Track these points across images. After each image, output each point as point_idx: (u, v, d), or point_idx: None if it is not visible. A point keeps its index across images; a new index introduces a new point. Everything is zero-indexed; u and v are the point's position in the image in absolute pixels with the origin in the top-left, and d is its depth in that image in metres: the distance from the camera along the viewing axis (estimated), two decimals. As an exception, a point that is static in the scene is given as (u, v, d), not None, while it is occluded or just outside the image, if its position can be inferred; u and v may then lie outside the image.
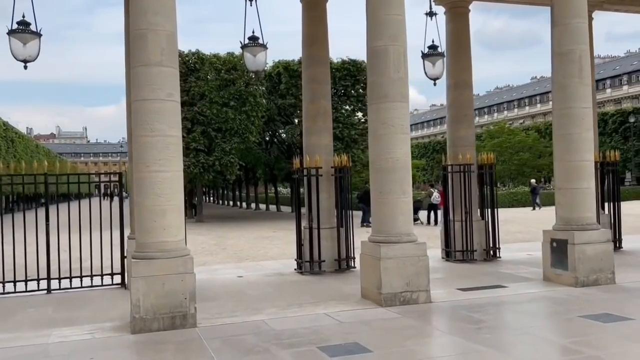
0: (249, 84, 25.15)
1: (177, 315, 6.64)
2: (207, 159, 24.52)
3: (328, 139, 10.70)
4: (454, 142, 11.62)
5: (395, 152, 7.64)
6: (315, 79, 10.60)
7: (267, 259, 13.82)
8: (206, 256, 14.83)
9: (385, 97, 7.66)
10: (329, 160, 10.49)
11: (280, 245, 16.54)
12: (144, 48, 6.72)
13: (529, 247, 13.92)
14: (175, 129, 6.91)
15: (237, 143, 24.84)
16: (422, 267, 7.62)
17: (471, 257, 11.18)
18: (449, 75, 11.56)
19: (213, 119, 24.47)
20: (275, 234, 19.32)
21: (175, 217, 6.81)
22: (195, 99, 24.42)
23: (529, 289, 8.44)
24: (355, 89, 27.98)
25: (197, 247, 16.98)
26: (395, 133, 7.66)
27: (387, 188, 7.65)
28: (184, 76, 24.31)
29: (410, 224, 7.80)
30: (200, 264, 13.26)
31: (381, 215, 7.73)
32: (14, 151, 44.38)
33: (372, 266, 7.67)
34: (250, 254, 15.03)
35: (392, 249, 7.52)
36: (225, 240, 18.63)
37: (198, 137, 24.32)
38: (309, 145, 10.65)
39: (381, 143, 7.70)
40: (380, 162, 7.70)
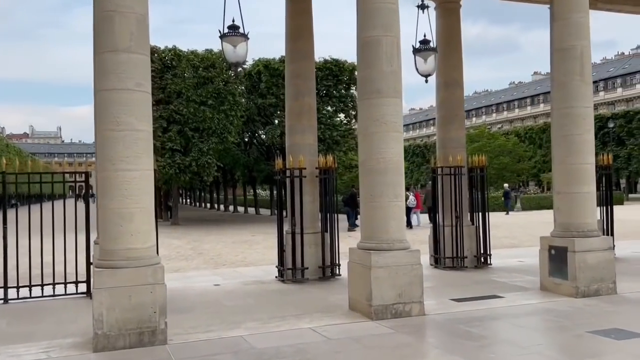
0: (227, 82, 24.36)
1: (145, 331, 5.93)
2: (183, 160, 23.63)
3: (312, 138, 10.06)
4: (444, 143, 11.08)
5: (388, 152, 7.04)
6: (299, 75, 9.96)
7: (246, 264, 13.12)
8: (181, 262, 14.06)
9: (377, 92, 7.06)
10: (313, 161, 9.85)
11: (260, 250, 15.84)
12: (111, 32, 6.02)
13: (518, 253, 13.48)
14: (145, 123, 6.21)
15: (214, 143, 24.00)
16: (415, 277, 7.03)
17: (461, 264, 10.64)
18: (439, 74, 11.02)
19: (190, 118, 23.61)
20: (255, 238, 18.61)
21: (144, 222, 6.10)
22: (171, 97, 23.54)
23: (527, 299, 7.91)
24: (338, 89, 27.39)
25: (171, 251, 16.19)
26: (388, 131, 7.06)
27: (379, 191, 7.04)
28: (160, 73, 23.45)
29: (403, 229, 7.21)
30: (174, 270, 12.52)
31: (372, 220, 7.12)
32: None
33: (362, 275, 7.05)
34: (228, 259, 14.30)
35: (384, 257, 6.91)
36: (201, 245, 17.84)
37: (174, 136, 23.44)
38: (292, 144, 10.00)
39: (372, 142, 7.09)
40: (371, 162, 7.09)
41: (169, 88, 23.37)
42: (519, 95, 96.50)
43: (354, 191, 22.96)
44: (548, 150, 56.31)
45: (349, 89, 27.71)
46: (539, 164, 55.25)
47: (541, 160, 55.67)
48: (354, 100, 27.83)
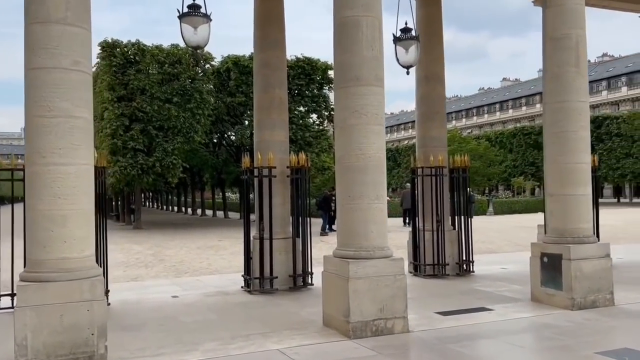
0: (194, 79, 23.22)
1: (80, 357, 4.96)
2: (146, 160, 22.36)
3: (283, 134, 9.18)
4: (424, 142, 10.32)
5: (368, 148, 6.21)
6: (268, 64, 9.07)
7: (211, 272, 12.12)
8: (139, 269, 12.97)
9: (357, 79, 6.23)
10: (284, 160, 8.97)
11: (226, 256, 14.84)
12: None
13: (499, 259, 12.86)
14: (84, 109, 5.23)
15: (180, 143, 22.79)
16: (398, 289, 6.21)
17: (443, 271, 9.88)
18: (419, 68, 10.25)
19: (154, 116, 22.35)
20: (221, 243, 17.57)
21: (80, 226, 5.12)
22: (134, 94, 22.27)
23: (518, 312, 7.17)
24: (310, 88, 26.48)
25: (130, 257, 15.07)
26: (368, 124, 6.23)
27: (358, 191, 6.20)
28: (122, 68, 22.18)
29: (385, 235, 6.38)
30: (131, 279, 11.46)
31: (350, 224, 6.27)
32: None
33: (338, 288, 6.19)
34: (192, 266, 13.27)
35: (364, 267, 6.07)
36: (164, 250, 16.72)
37: (136, 135, 22.15)
38: (261, 141, 9.10)
39: (351, 136, 6.25)
40: (350, 159, 6.25)
41: (132, 84, 22.10)
42: (488, 101, 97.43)
43: (328, 194, 22.13)
44: (518, 154, 56.91)
45: (321, 88, 26.87)
46: (509, 169, 55.50)
47: (511, 165, 55.95)
48: (326, 100, 27.04)
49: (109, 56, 22.10)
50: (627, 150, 43.28)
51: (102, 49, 22.43)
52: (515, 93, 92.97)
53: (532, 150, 54.24)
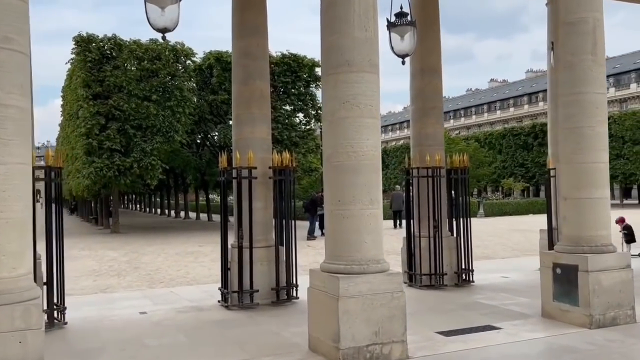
0: (175, 75, 22.15)
1: (9, 401, 4.00)
2: (123, 161, 21.23)
3: (265, 131, 8.27)
4: (419, 140, 9.47)
5: (361, 144, 5.34)
6: (248, 53, 8.16)
7: (188, 282, 11.17)
8: (111, 278, 11.98)
9: (347, 64, 5.36)
10: (266, 159, 8.07)
11: (207, 263, 13.87)
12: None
13: (498, 266, 12.05)
14: (18, 96, 4.28)
15: (159, 143, 21.68)
16: (396, 308, 5.35)
17: (441, 282, 9.04)
18: (414, 59, 9.42)
19: (132, 114, 21.24)
20: (202, 249, 16.59)
21: (12, 239, 4.17)
22: (110, 91, 21.14)
23: (531, 332, 6.33)
24: (297, 86, 25.49)
25: (103, 265, 14.07)
26: (362, 116, 5.36)
27: (349, 195, 5.33)
28: (98, 64, 21.06)
29: (381, 246, 5.51)
30: (100, 290, 10.49)
31: (340, 234, 5.39)
32: None
33: (326, 308, 5.31)
34: (167, 275, 12.30)
35: (356, 283, 5.20)
36: (140, 257, 15.70)
37: (113, 135, 21.01)
38: (240, 139, 8.19)
39: (341, 131, 5.38)
40: (339, 157, 5.37)
41: (108, 81, 20.96)
42: (476, 102, 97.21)
43: (315, 195, 21.19)
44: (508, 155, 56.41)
45: (308, 86, 25.89)
46: (499, 170, 55.00)
47: (501, 166, 55.45)
48: (314, 98, 26.09)
49: (84, 51, 20.98)
50: (618, 151, 42.92)
51: (76, 44, 21.30)
52: (503, 94, 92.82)
53: (521, 151, 53.84)
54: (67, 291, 10.64)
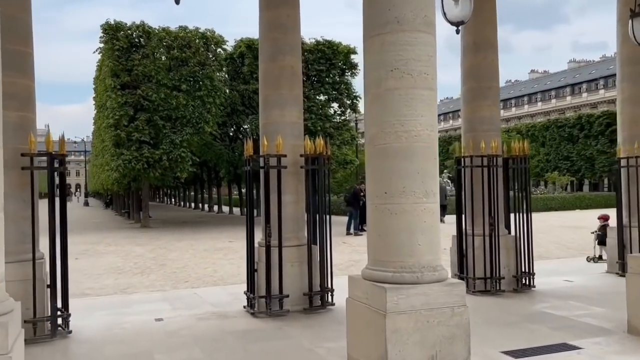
0: (204, 64, 21.31)
1: None
2: (152, 153, 20.55)
3: (296, 114, 7.26)
4: (472, 125, 8.31)
5: (414, 122, 4.27)
6: (277, 25, 7.16)
7: (214, 282, 10.32)
8: (134, 276, 11.23)
9: (397, 22, 4.29)
10: (298, 146, 7.07)
11: (236, 260, 12.98)
12: None
13: (556, 267, 10.79)
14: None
15: (189, 134, 20.92)
16: (458, 326, 4.27)
17: (497, 287, 7.88)
18: (465, 33, 8.28)
19: (160, 104, 20.51)
20: (232, 245, 15.76)
21: (-29, 240, 3.29)
22: (139, 81, 20.45)
23: (619, 354, 5.15)
24: (331, 74, 24.33)
25: (128, 262, 13.36)
26: (415, 87, 4.29)
27: (398, 185, 4.27)
28: (126, 52, 20.41)
29: (438, 249, 4.45)
30: (120, 290, 9.73)
31: (386, 234, 4.34)
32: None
33: (370, 325, 4.28)
34: (193, 273, 11.48)
35: (408, 296, 4.15)
36: (167, 253, 14.97)
37: (142, 126, 20.33)
38: (268, 123, 7.21)
39: (388, 105, 4.32)
40: (386, 138, 4.32)
41: (136, 70, 20.28)
42: (516, 93, 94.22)
43: (358, 188, 19.98)
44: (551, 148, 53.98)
45: (343, 74, 24.69)
46: (542, 163, 52.72)
47: (544, 159, 53.15)
48: (349, 87, 24.90)
49: (112, 40, 20.38)
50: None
51: (104, 32, 20.73)
52: (545, 85, 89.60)
53: (566, 144, 51.39)
54: (86, 290, 9.97)
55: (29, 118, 6.11)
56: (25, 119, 6.04)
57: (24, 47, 6.06)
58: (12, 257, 5.94)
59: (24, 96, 6.05)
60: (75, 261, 13.48)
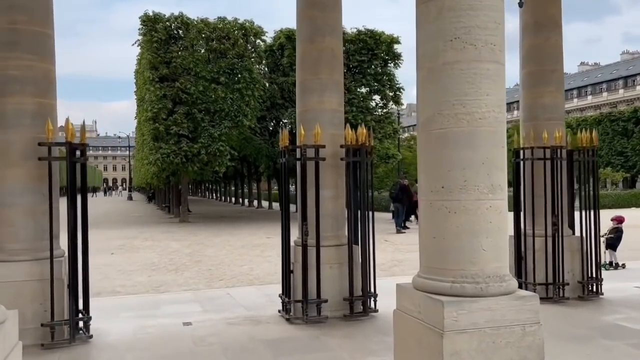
0: (243, 56, 20.84)
1: None
2: (191, 147, 20.23)
3: (336, 100, 6.60)
4: (533, 112, 7.46)
5: (479, 102, 3.56)
6: (316, 2, 6.51)
7: (249, 281, 9.82)
8: (168, 273, 10.84)
9: (458, -18, 3.57)
10: (337, 136, 6.42)
11: (273, 258, 12.45)
12: None
13: (621, 272, 9.80)
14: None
15: (227, 128, 20.51)
16: (531, 349, 3.57)
17: (561, 294, 7.04)
18: (525, 11, 7.45)
19: (199, 97, 20.14)
20: (270, 241, 15.27)
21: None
22: (177, 73, 20.15)
23: None
24: (373, 65, 23.49)
25: (164, 257, 13.03)
26: (479, 60, 3.58)
27: (459, 178, 3.57)
28: (165, 44, 20.15)
29: (505, 254, 3.72)
30: (152, 288, 9.34)
31: (443, 235, 3.64)
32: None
33: (423, 344, 3.60)
34: (229, 271, 11.01)
35: (470, 311, 3.45)
36: (204, 249, 14.59)
37: (180, 119, 20.03)
38: (306, 111, 6.58)
39: (446, 82, 3.62)
40: (444, 122, 3.62)
41: (175, 62, 19.96)
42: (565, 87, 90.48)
43: (404, 183, 19.12)
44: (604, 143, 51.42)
45: (386, 65, 23.78)
46: (593, 159, 50.16)
47: (596, 155, 50.57)
48: (392, 79, 23.98)
49: (150, 31, 20.15)
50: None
51: (142, 24, 20.52)
52: (595, 78, 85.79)
53: (620, 139, 48.85)
54: (117, 288, 9.61)
55: (49, 105, 5.66)
56: (44, 105, 5.58)
57: (42, 27, 5.60)
58: (29, 254, 5.54)
59: (42, 81, 5.60)
60: (111, 256, 13.27)
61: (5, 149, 5.47)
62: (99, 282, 9.91)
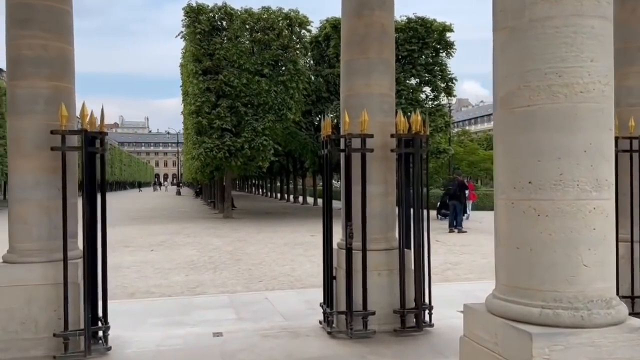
0: (288, 47, 20.15)
1: None
2: (234, 141, 19.71)
3: (386, 84, 5.77)
4: (616, 98, 6.35)
5: (580, 70, 2.71)
6: (364, -28, 5.69)
7: (289, 283, 9.14)
8: (206, 272, 10.27)
9: None
10: (387, 124, 5.61)
11: (316, 258, 11.70)
12: None
13: None
14: None
15: (271, 121, 19.90)
16: (648, 400, 2.64)
17: (650, 310, 5.98)
18: (607, -21, 6.36)
19: (242, 90, 19.57)
20: (313, 240, 14.56)
21: None
22: (221, 66, 19.65)
23: None
24: (424, 55, 22.37)
25: (203, 255, 12.52)
26: (580, 14, 2.72)
27: (551, 171, 2.72)
28: (208, 36, 19.67)
29: (612, 272, 2.85)
30: (187, 288, 8.79)
31: (529, 246, 2.79)
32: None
33: (502, 387, 2.75)
34: (269, 271, 10.35)
35: (567, 346, 2.60)
36: (245, 247, 14.02)
37: (224, 113, 19.54)
38: (351, 95, 5.78)
39: (534, 45, 2.76)
40: (531, 97, 2.76)
41: (218, 54, 19.45)
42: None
43: (460, 179, 18.07)
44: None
45: (437, 54, 22.58)
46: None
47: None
48: (444, 69, 22.79)
49: (193, 23, 19.75)
50: None
51: (185, 15, 20.14)
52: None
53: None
54: (152, 288, 9.09)
55: (65, 89, 5.08)
56: (60, 89, 5.00)
57: (58, 2, 5.02)
58: (44, 255, 4.96)
59: (58, 62, 5.02)
60: (150, 253, 12.88)
61: (17, 138, 4.94)
62: (135, 281, 9.46)
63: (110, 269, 5.27)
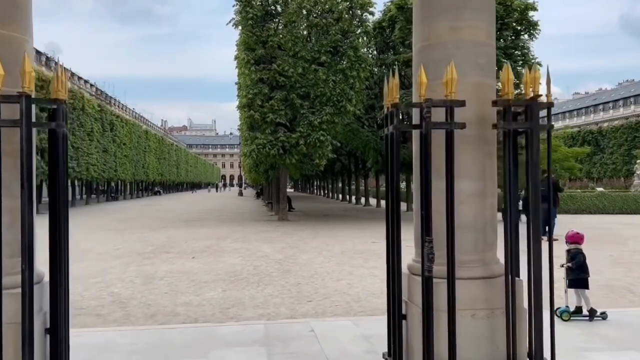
0: (348, 31, 18.32)
1: None
2: (289, 137, 18.11)
3: (484, 26, 3.86)
4: None
5: None
6: None
7: (345, 305, 7.37)
8: (246, 288, 8.65)
9: None
10: (486, 87, 3.72)
11: (378, 270, 9.82)
12: None
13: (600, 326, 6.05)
14: None
15: (329, 114, 18.12)
16: None
17: None
18: None
19: (298, 81, 17.93)
20: (376, 248, 12.67)
21: None
22: (274, 54, 18.07)
23: None
24: (502, 38, 19.86)
25: (248, 265, 10.93)
26: None
27: None
28: (260, 22, 18.14)
29: None
30: (220, 309, 7.21)
31: None
32: (112, 135, 41.96)
33: None
34: (322, 286, 8.61)
35: None
36: (297, 255, 12.32)
37: (277, 106, 17.93)
38: (429, 45, 3.92)
39: None
40: None
41: (272, 41, 17.89)
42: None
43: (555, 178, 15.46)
44: None
45: (518, 36, 20.05)
46: None
47: None
48: (526, 52, 20.21)
49: (245, 8, 18.30)
50: None
51: (237, 1, 18.72)
52: None
53: None
54: (179, 308, 7.44)
55: (14, 39, 3.51)
56: (6, 39, 3.44)
57: None
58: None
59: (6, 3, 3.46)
60: (190, 261, 11.43)
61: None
62: (162, 297, 7.96)
63: (141, 281, 3.68)
